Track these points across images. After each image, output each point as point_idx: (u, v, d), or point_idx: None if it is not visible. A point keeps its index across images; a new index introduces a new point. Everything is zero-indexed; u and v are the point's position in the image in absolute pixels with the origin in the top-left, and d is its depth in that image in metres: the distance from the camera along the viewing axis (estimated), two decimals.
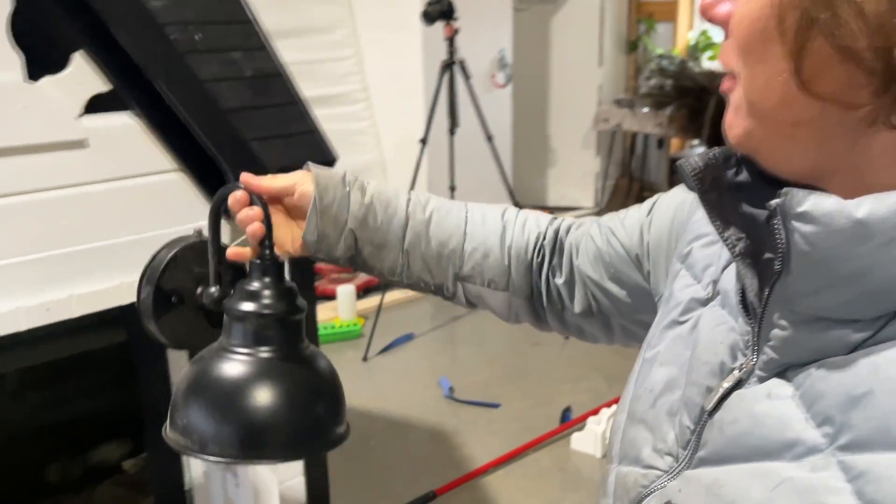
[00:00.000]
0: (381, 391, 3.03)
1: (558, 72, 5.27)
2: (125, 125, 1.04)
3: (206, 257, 0.85)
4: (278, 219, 0.83)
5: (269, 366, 0.74)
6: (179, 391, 0.75)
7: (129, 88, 1.03)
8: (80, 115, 0.99)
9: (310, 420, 0.75)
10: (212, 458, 0.71)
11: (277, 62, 1.62)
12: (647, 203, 0.81)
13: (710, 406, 0.55)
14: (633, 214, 0.81)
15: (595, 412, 2.70)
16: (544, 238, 0.87)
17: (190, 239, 0.93)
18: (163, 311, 0.90)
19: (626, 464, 0.63)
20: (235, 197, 0.79)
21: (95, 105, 1.02)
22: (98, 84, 1.00)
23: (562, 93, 5.27)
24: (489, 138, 3.35)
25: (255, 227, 0.78)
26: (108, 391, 2.28)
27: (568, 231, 0.88)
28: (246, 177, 0.80)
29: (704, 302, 0.63)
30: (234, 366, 0.73)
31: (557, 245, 0.87)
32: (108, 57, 1.00)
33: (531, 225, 0.88)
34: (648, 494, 0.59)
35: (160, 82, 0.98)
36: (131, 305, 1.01)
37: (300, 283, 1.66)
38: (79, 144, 0.98)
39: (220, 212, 0.82)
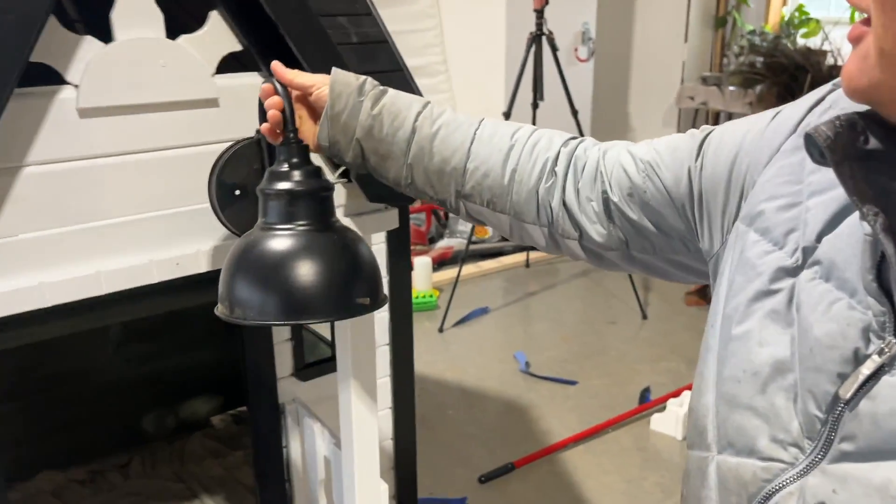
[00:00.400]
0: (457, 362, 3.05)
1: (641, 47, 5.15)
2: (254, 85, 1.05)
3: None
4: (302, 114, 0.89)
5: (304, 237, 0.81)
6: (226, 269, 0.82)
7: (259, 49, 1.05)
8: (214, 74, 1.01)
9: (344, 284, 0.81)
10: (256, 322, 0.80)
11: (383, 28, 1.63)
12: (691, 141, 0.74)
13: (848, 395, 0.51)
14: (677, 154, 0.74)
15: (676, 394, 2.66)
16: (555, 163, 0.82)
17: (251, 138, 0.98)
18: (227, 203, 0.96)
19: (734, 454, 0.59)
20: (263, 87, 0.87)
21: (225, 65, 1.04)
22: (232, 43, 1.02)
23: (644, 69, 5.15)
24: (574, 113, 3.29)
25: (276, 113, 0.85)
26: (201, 348, 2.36)
27: (585, 153, 0.82)
28: (275, 65, 0.86)
29: (793, 271, 0.58)
30: (271, 239, 0.81)
31: (572, 170, 0.81)
32: (241, 17, 1.02)
33: (541, 147, 0.83)
34: (777, 490, 0.55)
35: (295, 43, 0.99)
36: None
37: (395, 251, 1.67)
38: (212, 103, 1.00)
39: (264, 105, 0.89)
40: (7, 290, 0.90)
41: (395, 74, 1.58)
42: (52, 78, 0.92)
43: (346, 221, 1.19)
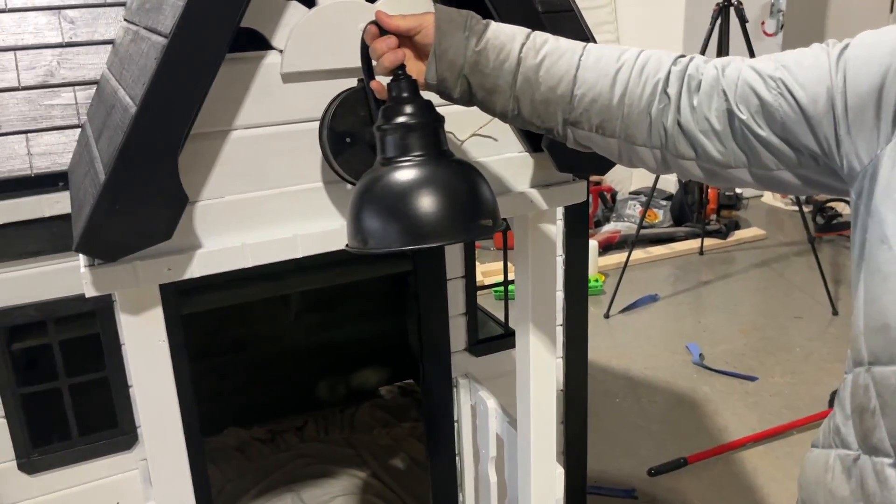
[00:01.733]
0: (624, 350, 2.94)
1: (838, 20, 4.69)
2: None
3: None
4: (408, 53, 0.89)
5: (423, 166, 0.84)
6: (353, 206, 0.86)
7: None
8: None
9: (466, 207, 0.84)
10: (382, 250, 0.82)
11: None
12: (825, 58, 0.72)
13: None
14: (811, 71, 0.72)
15: None
16: (666, 84, 0.80)
17: (357, 86, 0.98)
18: (339, 151, 0.97)
19: None
20: (368, 29, 0.88)
21: None
22: (428, 6, 1.00)
23: None
24: None
25: (388, 56, 0.86)
26: (371, 321, 2.43)
27: (698, 71, 0.80)
28: (380, 13, 0.88)
29: None
30: (393, 172, 0.84)
31: (685, 89, 0.79)
32: None
33: (650, 68, 0.81)
34: None
35: (495, 6, 0.95)
36: None
37: (573, 228, 1.61)
38: None
39: (368, 53, 0.90)
40: (214, 249, 0.94)
41: None
42: (258, 43, 0.94)
43: (533, 193, 1.15)
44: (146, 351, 0.95)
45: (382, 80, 0.90)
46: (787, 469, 2.19)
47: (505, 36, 0.87)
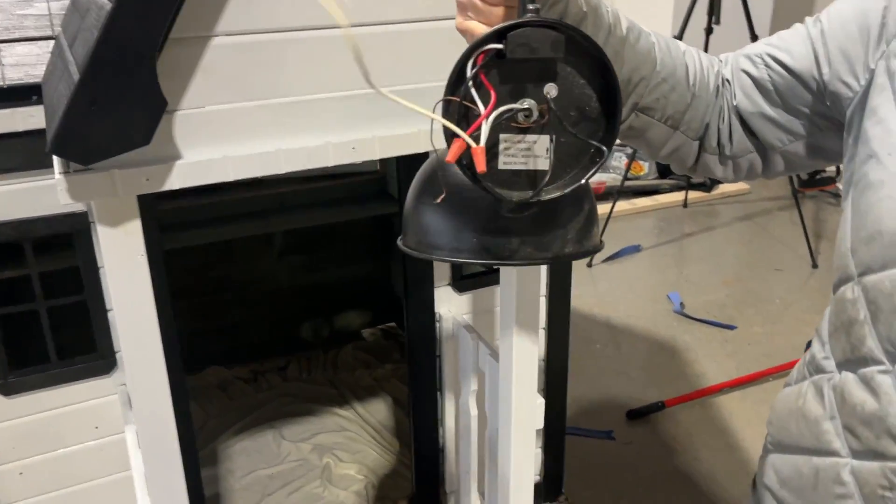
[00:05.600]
0: (606, 299, 2.96)
1: None
2: None
3: None
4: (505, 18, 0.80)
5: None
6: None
7: None
8: None
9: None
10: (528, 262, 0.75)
11: None
12: (803, 24, 0.76)
13: None
14: (792, 37, 0.75)
15: None
16: (721, 75, 0.81)
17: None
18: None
19: None
20: None
21: None
22: None
23: None
24: (754, 40, 3.02)
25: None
26: (354, 263, 2.42)
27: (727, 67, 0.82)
28: None
29: None
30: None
31: (722, 83, 0.81)
32: None
33: (708, 61, 0.81)
34: None
35: None
36: (419, 158, 1.00)
37: None
38: None
39: None
40: (194, 160, 0.92)
41: None
42: None
43: None
44: (125, 264, 0.93)
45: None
46: (762, 414, 2.23)
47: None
